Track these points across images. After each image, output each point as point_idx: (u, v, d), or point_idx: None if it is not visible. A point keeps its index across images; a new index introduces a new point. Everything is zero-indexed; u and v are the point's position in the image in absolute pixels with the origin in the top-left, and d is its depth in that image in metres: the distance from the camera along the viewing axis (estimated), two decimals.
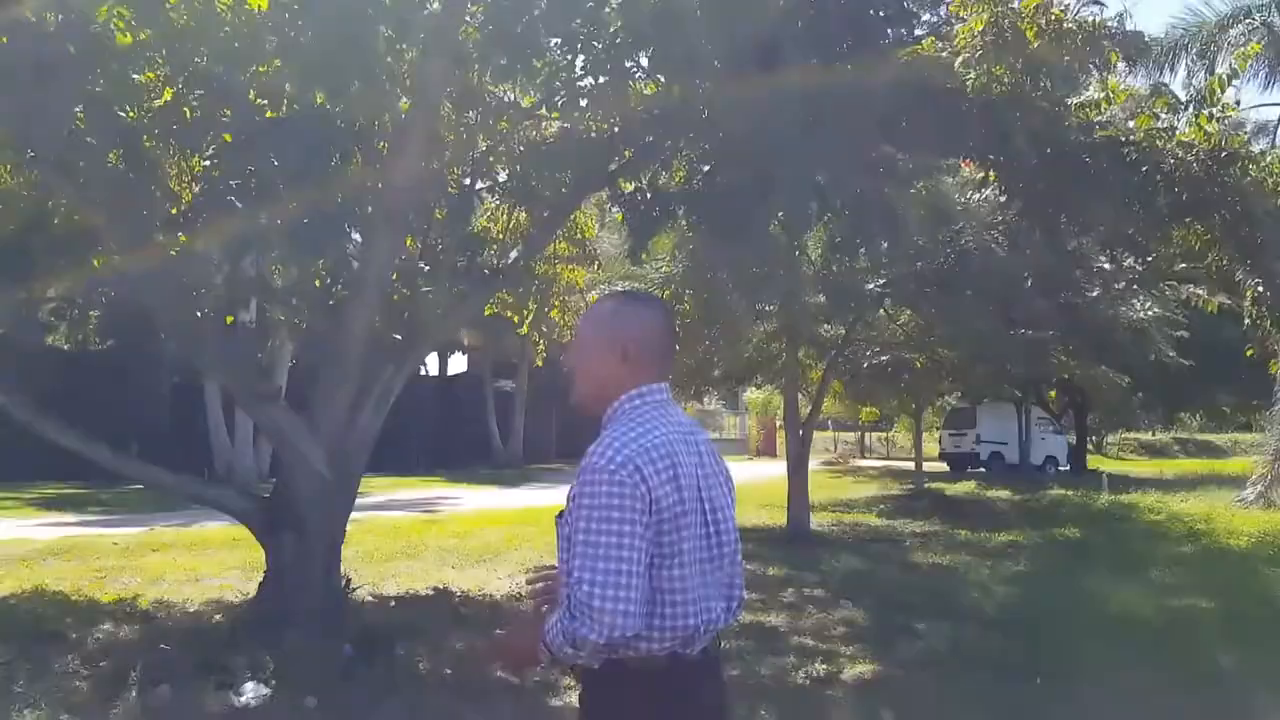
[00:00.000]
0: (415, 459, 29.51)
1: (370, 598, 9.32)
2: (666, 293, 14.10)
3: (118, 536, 13.37)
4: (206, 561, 11.50)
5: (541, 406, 35.44)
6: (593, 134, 9.62)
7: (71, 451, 7.73)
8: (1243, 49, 12.58)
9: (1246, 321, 9.33)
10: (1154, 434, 56.67)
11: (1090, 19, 6.99)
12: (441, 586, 10.15)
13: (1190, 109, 7.89)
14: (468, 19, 8.19)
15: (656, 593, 2.22)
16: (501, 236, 11.47)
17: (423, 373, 34.86)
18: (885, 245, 10.30)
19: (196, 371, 19.60)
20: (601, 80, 9.06)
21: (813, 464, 19.60)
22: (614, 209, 10.63)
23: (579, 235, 14.09)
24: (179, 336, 8.75)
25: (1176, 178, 7.43)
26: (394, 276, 8.78)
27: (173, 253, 7.40)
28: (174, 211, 7.62)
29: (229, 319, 8.20)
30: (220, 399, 23.67)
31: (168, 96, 7.03)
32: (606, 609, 2.10)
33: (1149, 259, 10.12)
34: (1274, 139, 20.15)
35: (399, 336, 8.91)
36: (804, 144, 7.58)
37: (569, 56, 9.00)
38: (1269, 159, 8.09)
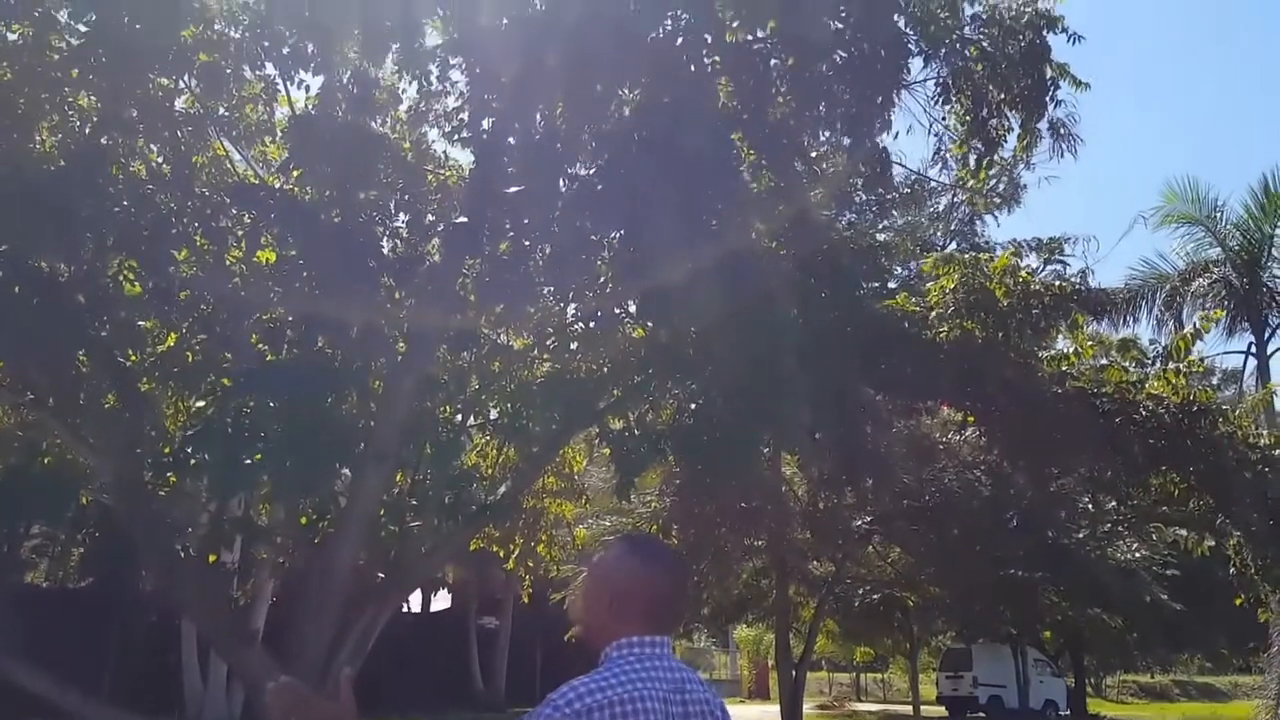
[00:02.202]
0: (393, 701, 28.23)
1: None
2: (654, 527, 14.06)
3: None
4: None
5: (526, 645, 34.26)
6: (582, 374, 9.89)
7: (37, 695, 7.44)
8: (1207, 312, 13.26)
9: (1233, 570, 9.30)
10: (1153, 676, 54.85)
11: (1055, 281, 7.42)
12: None
13: (1158, 363, 8.23)
14: (465, 270, 8.60)
15: None
16: (491, 472, 11.52)
17: (404, 609, 33.94)
18: (870, 482, 10.42)
19: (174, 611, 19.09)
20: (592, 325, 9.45)
21: (807, 706, 18.88)
22: (602, 445, 10.78)
23: (567, 469, 14.16)
24: (159, 575, 8.65)
25: (1150, 428, 7.65)
26: (381, 513, 8.78)
27: (161, 493, 7.42)
28: (166, 451, 7.70)
29: (211, 558, 8.10)
30: (196, 639, 22.93)
31: (171, 341, 7.28)
32: None
33: (1131, 503, 10.22)
34: (1241, 384, 20.78)
35: (382, 575, 8.79)
36: (790, 385, 7.85)
37: (561, 304, 9.42)
38: (1238, 412, 8.35)
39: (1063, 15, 8.24)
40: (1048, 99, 7.86)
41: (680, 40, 7.81)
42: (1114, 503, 11.41)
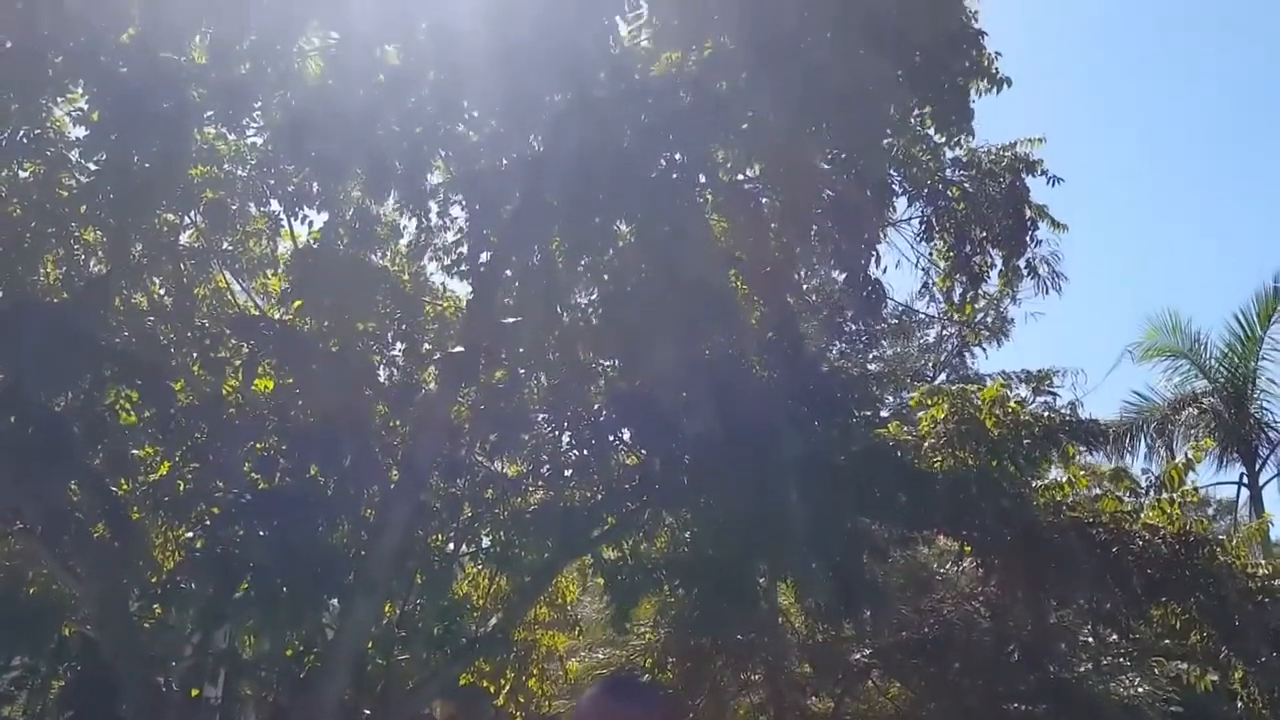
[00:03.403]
0: None
1: None
2: (649, 660, 13.70)
3: None
4: None
5: None
6: (576, 502, 9.84)
7: None
8: (1197, 442, 13.35)
9: (1239, 705, 9.08)
10: None
11: (1044, 413, 7.50)
12: None
13: (1152, 493, 8.23)
14: (460, 399, 8.65)
15: None
16: (482, 603, 11.32)
17: None
18: (868, 613, 10.26)
19: None
20: (585, 452, 9.45)
21: None
22: (596, 574, 10.65)
23: (560, 600, 13.89)
24: (140, 711, 8.40)
25: (1148, 558, 7.61)
26: (369, 645, 8.60)
27: (146, 625, 7.29)
28: (153, 580, 7.60)
29: (194, 692, 7.90)
30: None
31: (164, 470, 7.27)
32: None
33: (1132, 636, 10.06)
34: (1236, 515, 20.73)
35: (369, 711, 8.55)
36: (785, 514, 7.83)
37: (555, 432, 9.45)
38: (1235, 542, 8.31)
39: (1041, 159, 8.60)
40: (1028, 238, 8.13)
41: (675, 177, 8.08)
42: (1115, 636, 11.21)
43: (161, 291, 7.46)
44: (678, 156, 7.86)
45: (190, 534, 7.62)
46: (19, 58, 6.54)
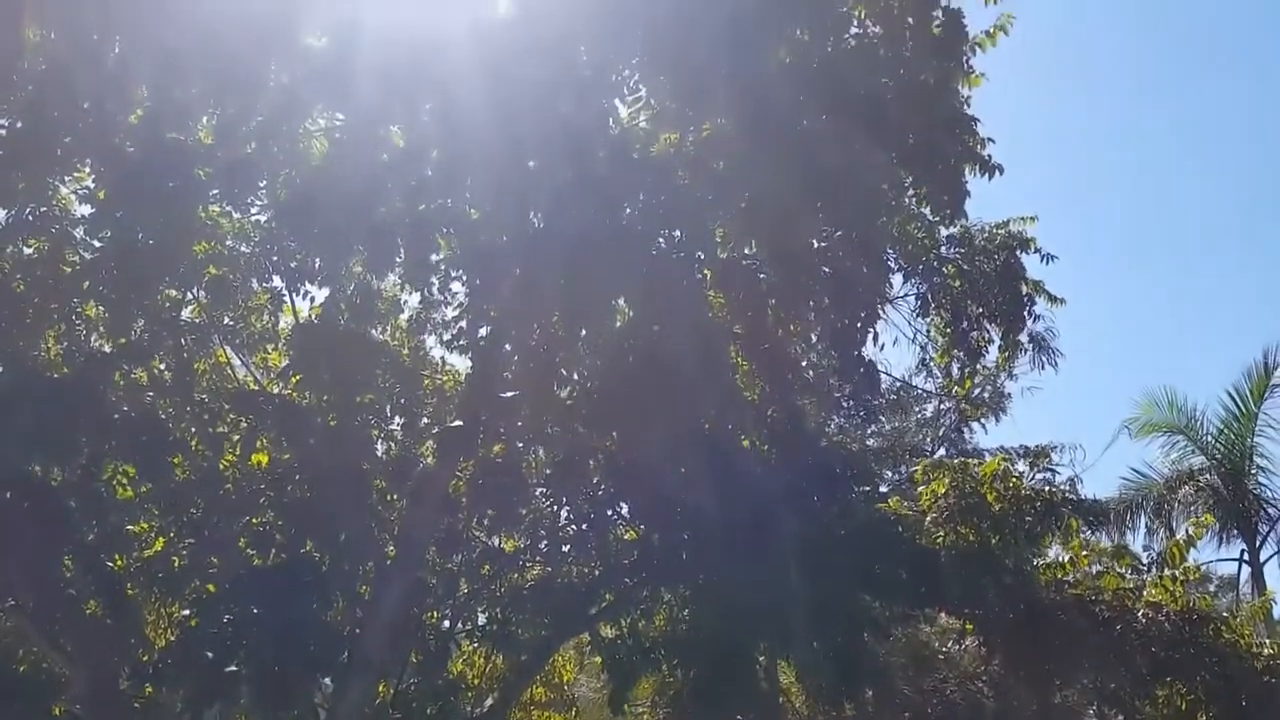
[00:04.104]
0: None
1: None
2: None
3: None
4: None
5: None
6: (574, 578, 9.76)
7: None
8: (1197, 519, 13.28)
9: None
10: None
11: (1045, 488, 7.50)
12: None
13: (1153, 570, 8.18)
14: (458, 473, 8.64)
15: None
16: (477, 682, 11.14)
17: None
18: (870, 694, 10.10)
19: None
20: (584, 527, 9.40)
21: None
22: (593, 653, 10.50)
23: (556, 679, 13.67)
24: None
25: (1151, 636, 7.54)
26: None
27: (136, 704, 7.17)
28: (145, 659, 7.49)
29: None
30: None
31: (159, 546, 7.22)
32: None
33: (1138, 717, 9.90)
34: (1238, 592, 20.48)
35: None
36: (785, 591, 7.76)
37: (554, 506, 9.42)
38: (1239, 620, 8.23)
39: (1034, 237, 8.73)
40: (1025, 314, 8.22)
41: (673, 254, 8.18)
42: (1120, 716, 11.02)
43: (162, 366, 7.50)
44: (676, 234, 7.97)
45: (185, 611, 7.53)
46: (28, 138, 6.67)
